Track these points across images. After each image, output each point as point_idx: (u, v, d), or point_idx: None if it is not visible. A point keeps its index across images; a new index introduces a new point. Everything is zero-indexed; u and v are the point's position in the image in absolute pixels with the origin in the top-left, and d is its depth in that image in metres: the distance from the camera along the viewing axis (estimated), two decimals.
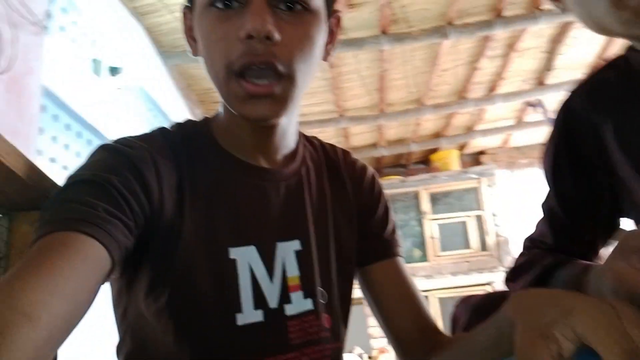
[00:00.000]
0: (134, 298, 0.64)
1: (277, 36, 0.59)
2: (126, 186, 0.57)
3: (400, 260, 0.79)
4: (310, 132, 0.85)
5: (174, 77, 3.79)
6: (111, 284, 0.69)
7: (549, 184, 0.83)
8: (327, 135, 5.20)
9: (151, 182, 0.60)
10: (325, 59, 0.71)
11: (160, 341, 0.63)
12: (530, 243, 0.86)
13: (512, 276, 0.84)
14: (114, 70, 2.88)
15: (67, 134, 2.48)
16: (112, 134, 2.67)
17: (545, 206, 0.84)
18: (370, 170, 0.85)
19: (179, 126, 0.72)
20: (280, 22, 0.61)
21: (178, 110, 3.88)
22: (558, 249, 0.81)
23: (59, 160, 2.35)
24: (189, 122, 0.74)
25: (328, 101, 4.56)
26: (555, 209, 0.81)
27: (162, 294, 0.62)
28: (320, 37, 0.66)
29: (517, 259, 0.86)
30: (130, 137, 0.66)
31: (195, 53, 0.69)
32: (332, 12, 0.70)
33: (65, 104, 2.38)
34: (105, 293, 0.69)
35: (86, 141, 2.63)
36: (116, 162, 0.59)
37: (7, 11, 1.86)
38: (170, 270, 0.62)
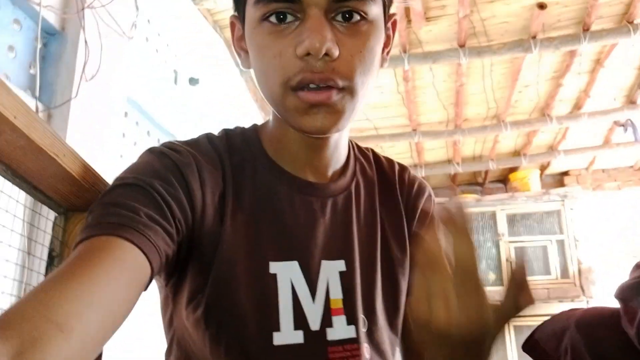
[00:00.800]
0: (178, 306, 0.63)
1: (336, 52, 0.56)
2: (169, 191, 0.56)
3: None
4: (382, 145, 0.81)
5: (250, 88, 3.88)
6: (159, 291, 0.68)
7: None
8: (399, 149, 5.11)
9: (195, 189, 0.59)
10: (382, 65, 0.68)
11: (200, 352, 0.61)
12: None
13: (630, 293, 0.77)
14: (193, 81, 2.99)
15: (147, 139, 2.60)
16: None
17: None
18: (429, 191, 0.78)
19: (226, 133, 0.71)
20: (338, 34, 0.57)
21: (253, 121, 3.96)
22: None
23: None
24: (237, 129, 0.73)
25: (401, 115, 4.48)
26: None
27: (200, 304, 0.60)
28: (379, 45, 0.63)
29: (634, 272, 0.78)
30: (178, 141, 0.65)
31: (245, 66, 0.66)
32: (388, 17, 0.67)
33: (146, 111, 2.50)
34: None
35: None
36: (161, 166, 0.58)
37: (97, 22, 1.98)
38: (208, 280, 0.60)
